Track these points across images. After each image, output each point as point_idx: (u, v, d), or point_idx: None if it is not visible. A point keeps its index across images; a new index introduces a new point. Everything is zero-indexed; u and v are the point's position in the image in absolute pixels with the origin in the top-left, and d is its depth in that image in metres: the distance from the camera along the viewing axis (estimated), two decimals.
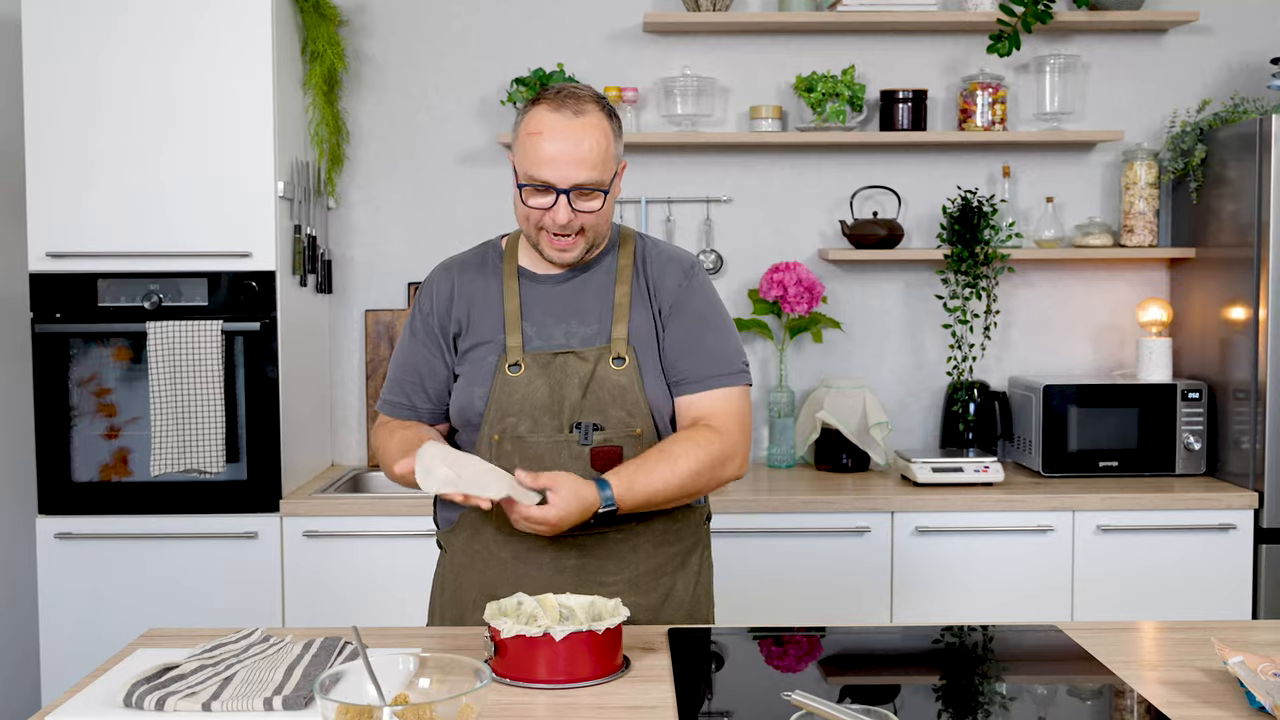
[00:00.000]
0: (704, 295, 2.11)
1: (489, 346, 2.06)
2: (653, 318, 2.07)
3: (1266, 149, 3.27)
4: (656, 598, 2.09)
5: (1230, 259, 3.47)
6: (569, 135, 1.95)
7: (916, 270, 3.84)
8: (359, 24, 3.76)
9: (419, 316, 2.13)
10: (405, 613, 3.16)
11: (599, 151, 1.96)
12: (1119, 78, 3.83)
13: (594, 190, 1.97)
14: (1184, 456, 3.52)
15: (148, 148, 3.20)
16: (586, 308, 2.07)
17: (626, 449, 2.02)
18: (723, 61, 3.79)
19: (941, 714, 1.66)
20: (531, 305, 2.07)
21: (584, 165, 1.95)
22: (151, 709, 1.58)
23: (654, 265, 2.11)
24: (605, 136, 1.98)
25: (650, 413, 2.04)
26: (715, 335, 2.09)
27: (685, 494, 2.02)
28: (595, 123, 1.97)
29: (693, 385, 2.06)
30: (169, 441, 3.15)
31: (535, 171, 1.96)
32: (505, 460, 2.02)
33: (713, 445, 2.01)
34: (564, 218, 1.97)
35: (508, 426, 2.03)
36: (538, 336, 2.05)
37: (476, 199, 3.80)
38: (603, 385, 2.02)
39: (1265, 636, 1.95)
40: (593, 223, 2.01)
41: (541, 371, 2.03)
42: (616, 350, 2.03)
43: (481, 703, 1.47)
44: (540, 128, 1.96)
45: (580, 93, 1.99)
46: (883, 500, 3.27)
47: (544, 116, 1.97)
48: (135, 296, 3.22)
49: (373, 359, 3.78)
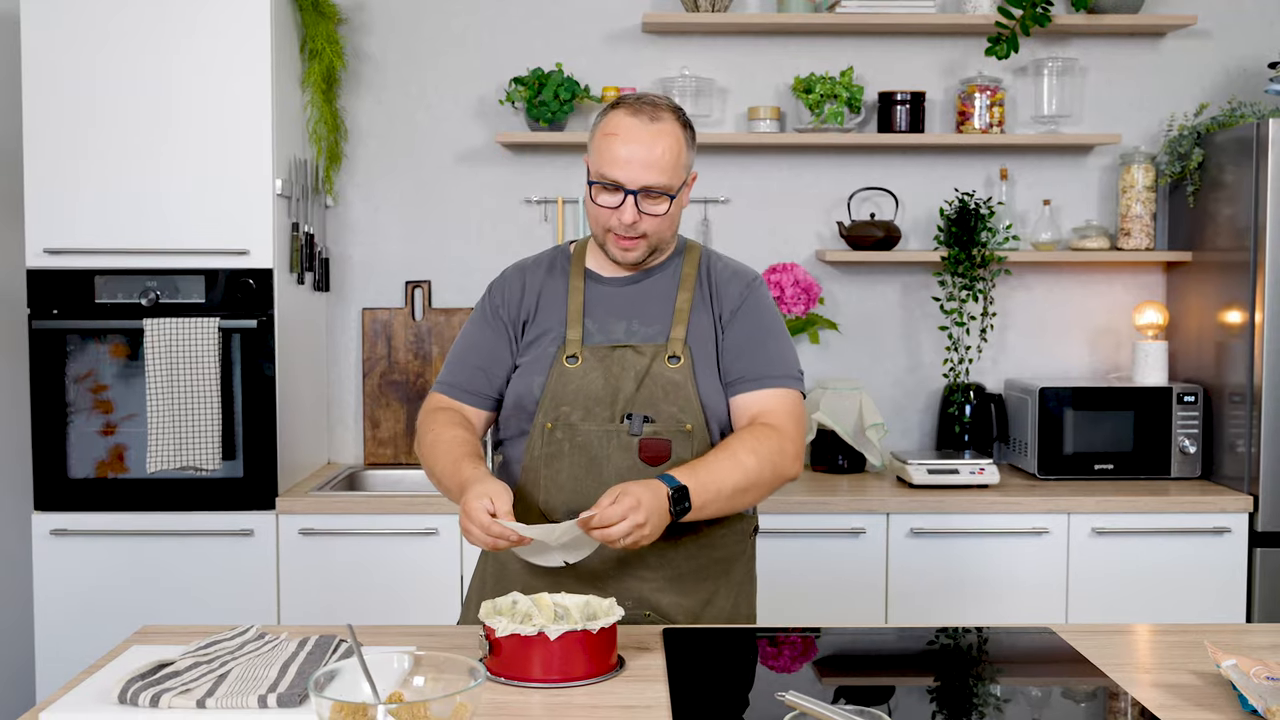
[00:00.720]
0: (765, 305, 2.17)
1: (550, 339, 2.11)
2: (713, 324, 2.12)
3: (1263, 153, 3.28)
4: (697, 602, 2.09)
5: (1226, 263, 3.47)
6: (643, 139, 2.01)
7: (913, 272, 3.84)
8: (358, 22, 3.76)
9: (488, 307, 2.19)
10: (401, 611, 3.16)
11: (670, 157, 2.02)
12: (1117, 81, 3.83)
13: (661, 194, 2.03)
14: (1179, 460, 3.53)
15: (146, 145, 3.20)
16: (649, 309, 2.12)
17: (676, 443, 2.05)
18: (721, 62, 3.79)
19: (936, 715, 1.66)
20: (595, 303, 2.13)
21: (654, 169, 2.01)
22: (146, 706, 1.58)
23: (718, 276, 2.16)
24: (678, 144, 2.04)
25: (702, 410, 2.07)
26: (774, 341, 2.14)
27: (751, 486, 2.01)
28: (670, 130, 2.03)
29: (750, 384, 2.09)
30: (165, 438, 3.15)
31: (607, 170, 2.02)
32: (555, 447, 2.07)
33: (771, 440, 2.03)
34: (630, 217, 2.02)
35: (561, 415, 2.07)
36: (599, 332, 2.11)
37: (475, 198, 3.80)
38: (657, 381, 2.06)
39: (1259, 640, 1.95)
40: (656, 227, 2.06)
41: (598, 364, 2.07)
42: (673, 349, 2.08)
43: (476, 701, 1.47)
44: (617, 129, 2.03)
45: (659, 101, 2.07)
46: (878, 502, 3.27)
47: (621, 119, 2.03)
48: (132, 293, 3.22)
49: (370, 357, 3.78)
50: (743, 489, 2.00)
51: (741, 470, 1.99)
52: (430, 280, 3.80)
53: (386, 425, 3.77)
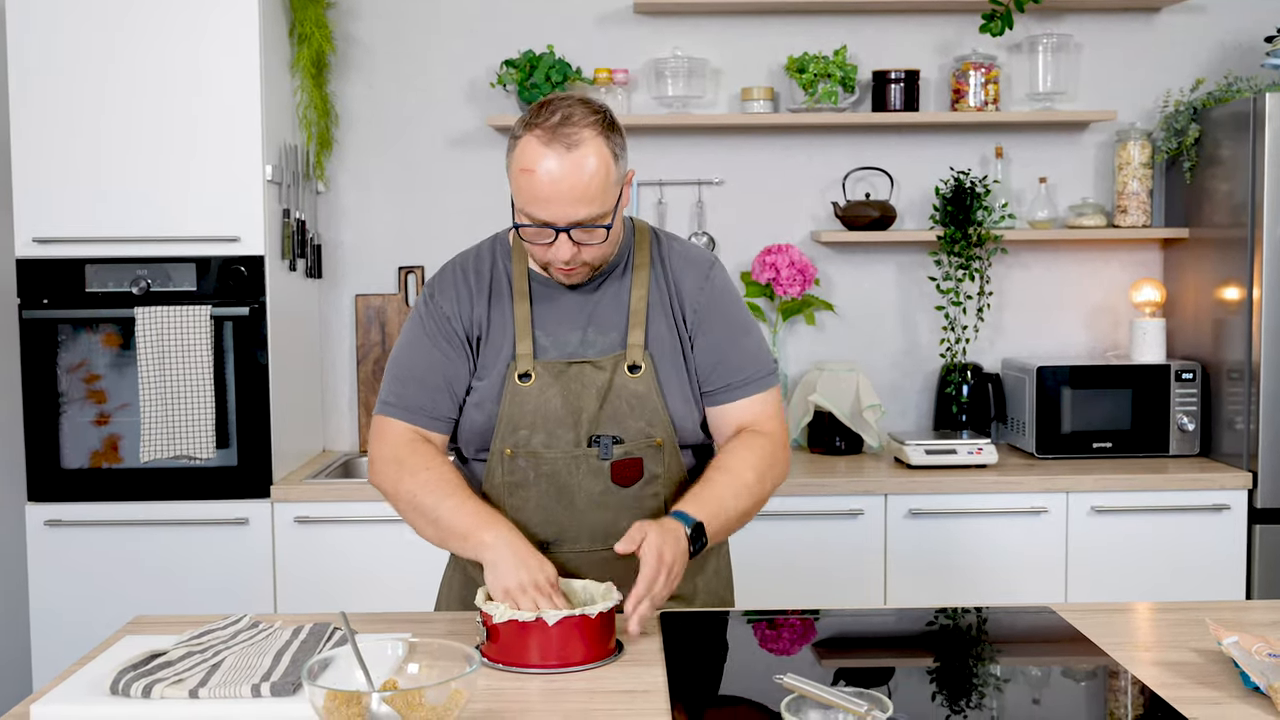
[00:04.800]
0: (726, 297, 2.04)
1: (502, 357, 1.97)
2: (675, 325, 1.99)
3: (1260, 128, 3.26)
4: (687, 586, 2.05)
5: (1224, 239, 3.46)
6: (564, 173, 1.80)
7: (909, 252, 3.82)
8: (346, 6, 3.73)
9: (437, 319, 1.99)
10: (396, 599, 3.15)
11: (598, 183, 1.82)
12: (1112, 57, 3.81)
13: (595, 226, 1.85)
14: (1178, 437, 3.52)
15: (134, 131, 3.17)
16: (604, 314, 1.98)
17: (647, 459, 1.96)
18: (714, 42, 3.76)
19: (936, 696, 1.65)
20: (544, 313, 1.98)
21: (582, 202, 1.82)
22: (138, 696, 1.57)
23: (673, 266, 2.02)
24: (604, 164, 1.83)
25: (670, 420, 1.97)
26: (746, 338, 2.03)
27: (755, 504, 1.96)
28: (592, 150, 1.82)
29: (733, 391, 2.01)
30: (159, 428, 3.13)
31: (531, 210, 1.84)
32: (519, 475, 1.96)
33: (766, 450, 1.98)
34: (566, 254, 1.86)
35: (520, 439, 1.94)
36: (552, 346, 1.96)
37: (466, 182, 3.78)
38: (620, 395, 1.94)
39: (1259, 617, 1.95)
40: (597, 254, 1.91)
41: (554, 381, 1.94)
42: (632, 358, 1.95)
43: (471, 688, 1.46)
44: (532, 164, 1.81)
45: (574, 117, 1.83)
46: (876, 483, 3.26)
47: (535, 152, 1.81)
48: (123, 282, 3.20)
49: (363, 344, 3.76)
50: (746, 511, 1.96)
51: (746, 491, 1.93)
52: (423, 265, 3.78)
53: None
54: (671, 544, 1.79)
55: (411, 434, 1.98)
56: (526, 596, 1.74)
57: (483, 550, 1.82)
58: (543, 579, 1.78)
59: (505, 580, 1.77)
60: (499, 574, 1.78)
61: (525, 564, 1.79)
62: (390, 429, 1.99)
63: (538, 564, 1.80)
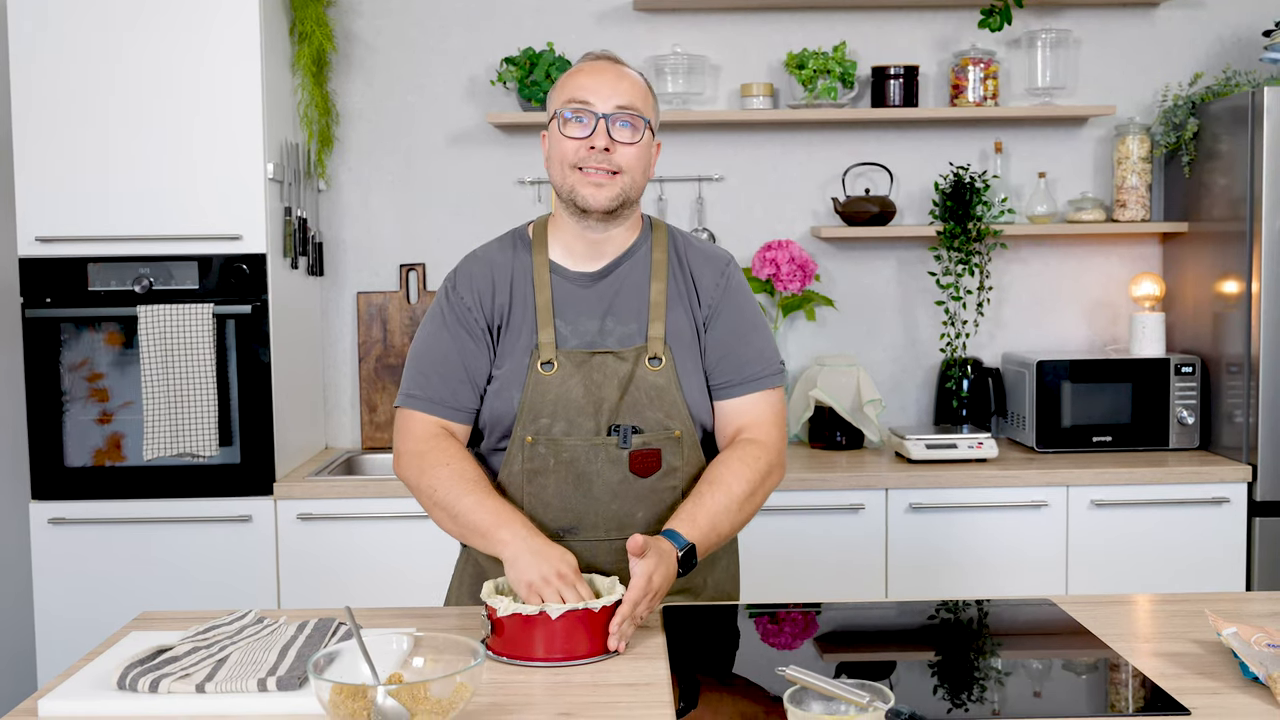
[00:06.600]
0: (741, 295, 2.08)
1: (524, 345, 1.99)
2: (692, 318, 2.03)
3: (1259, 122, 3.26)
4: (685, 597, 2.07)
5: (1223, 233, 3.47)
6: (609, 72, 1.99)
7: (909, 247, 3.83)
8: (347, 4, 3.74)
9: (457, 310, 2.02)
10: (400, 594, 3.16)
11: (640, 90, 2.00)
12: (1111, 52, 3.81)
13: (634, 118, 1.97)
14: (1177, 431, 3.53)
15: (136, 130, 3.18)
16: (623, 304, 2.01)
17: (666, 451, 1.98)
18: (713, 39, 3.77)
19: (937, 689, 1.66)
20: (565, 302, 2.01)
21: (623, 94, 1.97)
22: (145, 691, 1.58)
23: (691, 261, 2.07)
24: (644, 86, 2.02)
25: (689, 414, 2.00)
26: (756, 335, 2.06)
27: (746, 514, 1.99)
28: (634, 74, 2.02)
29: (736, 388, 2.03)
30: (161, 426, 3.14)
31: (575, 95, 1.97)
32: (539, 462, 1.98)
33: (759, 461, 1.99)
34: (603, 142, 1.95)
35: (541, 427, 1.97)
36: (573, 335, 1.99)
37: (467, 179, 3.78)
38: (640, 386, 1.97)
39: (1259, 608, 1.95)
40: (630, 161, 1.97)
41: (576, 370, 1.97)
42: (653, 350, 1.99)
43: (476, 681, 1.47)
44: (580, 69, 2.01)
45: (621, 60, 2.06)
46: (877, 477, 3.27)
47: (584, 63, 2.02)
48: (126, 280, 3.21)
49: (365, 341, 3.77)
50: (737, 525, 1.98)
51: (738, 507, 1.95)
52: (424, 263, 3.79)
53: (383, 409, 3.76)
54: (663, 571, 1.82)
55: (434, 427, 2.01)
56: (550, 588, 1.76)
57: (501, 548, 1.85)
58: (566, 568, 1.80)
59: (527, 574, 1.78)
60: (519, 569, 1.80)
61: (545, 557, 1.80)
62: (413, 422, 2.02)
63: (558, 555, 1.82)
